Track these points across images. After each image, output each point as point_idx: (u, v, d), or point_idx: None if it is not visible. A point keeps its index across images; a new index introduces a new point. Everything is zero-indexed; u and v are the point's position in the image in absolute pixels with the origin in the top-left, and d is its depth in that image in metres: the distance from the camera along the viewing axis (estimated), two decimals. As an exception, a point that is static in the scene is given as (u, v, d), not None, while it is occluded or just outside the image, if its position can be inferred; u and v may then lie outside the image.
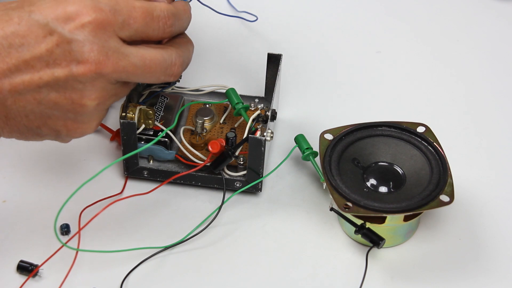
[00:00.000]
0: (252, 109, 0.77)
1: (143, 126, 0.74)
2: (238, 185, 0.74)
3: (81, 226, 0.70)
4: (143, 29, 0.64)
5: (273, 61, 0.78)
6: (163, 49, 0.66)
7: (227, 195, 0.73)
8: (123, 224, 0.73)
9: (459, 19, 0.95)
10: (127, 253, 0.70)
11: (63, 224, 0.71)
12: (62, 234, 0.71)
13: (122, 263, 0.69)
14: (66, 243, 0.68)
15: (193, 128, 0.76)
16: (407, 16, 0.95)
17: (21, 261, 0.69)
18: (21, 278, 0.68)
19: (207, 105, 0.78)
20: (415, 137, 0.73)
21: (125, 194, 0.75)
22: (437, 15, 0.95)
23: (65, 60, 0.61)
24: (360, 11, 0.96)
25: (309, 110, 0.84)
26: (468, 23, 0.94)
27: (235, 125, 0.77)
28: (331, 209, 0.71)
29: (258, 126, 0.73)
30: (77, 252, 0.68)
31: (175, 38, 0.68)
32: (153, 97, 0.77)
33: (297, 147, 0.76)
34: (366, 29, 0.93)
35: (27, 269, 0.68)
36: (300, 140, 0.76)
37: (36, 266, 0.68)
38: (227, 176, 0.74)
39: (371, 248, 0.69)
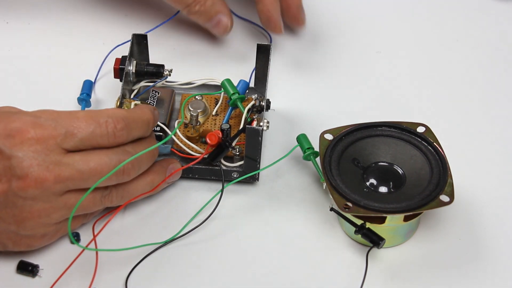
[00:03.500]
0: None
1: None
2: (235, 175, 0.74)
3: (95, 232, 0.70)
4: (89, 137, 0.65)
5: (263, 51, 0.78)
6: (111, 149, 0.66)
7: (227, 186, 0.73)
8: (122, 221, 0.73)
9: (459, 19, 0.95)
10: (129, 251, 0.69)
11: (73, 232, 0.71)
12: (72, 242, 0.71)
13: (124, 261, 0.69)
14: (86, 246, 0.68)
15: (187, 121, 0.76)
16: (407, 16, 0.95)
17: (21, 261, 0.69)
18: (21, 278, 0.68)
19: (198, 98, 0.78)
20: (415, 137, 0.73)
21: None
22: (437, 15, 0.95)
23: (5, 176, 0.63)
24: (360, 11, 0.96)
25: (309, 109, 0.84)
26: (468, 23, 0.94)
27: (226, 116, 0.77)
28: (331, 209, 0.71)
29: (253, 117, 0.74)
30: (97, 253, 0.68)
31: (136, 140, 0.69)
32: (144, 92, 0.77)
33: (298, 147, 0.76)
34: (366, 29, 0.93)
35: (27, 269, 0.68)
36: (302, 139, 0.76)
37: (36, 266, 0.68)
38: (224, 167, 0.74)
39: (371, 248, 0.69)
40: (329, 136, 0.73)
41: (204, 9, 0.84)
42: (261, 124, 0.72)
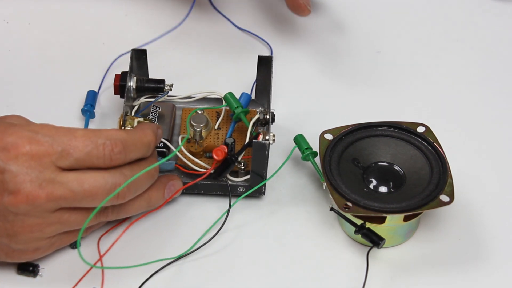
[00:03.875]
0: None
1: None
2: (241, 190, 0.74)
3: (100, 249, 0.70)
4: (84, 158, 0.64)
5: (264, 63, 0.77)
6: (108, 171, 0.65)
7: (231, 201, 0.73)
8: (125, 236, 0.72)
9: (459, 19, 0.95)
10: (134, 268, 0.69)
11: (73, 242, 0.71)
12: (72, 247, 0.70)
13: (131, 278, 0.69)
14: (95, 264, 0.68)
15: (189, 136, 0.76)
16: (407, 16, 0.95)
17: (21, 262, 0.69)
18: (22, 279, 0.68)
19: (200, 112, 0.77)
20: (415, 137, 0.73)
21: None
22: (437, 15, 0.95)
23: None
24: (360, 11, 0.96)
25: (308, 110, 0.84)
26: (468, 23, 0.94)
27: (229, 130, 0.77)
28: (331, 209, 0.71)
29: (259, 130, 0.73)
30: (103, 271, 0.68)
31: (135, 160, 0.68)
32: (145, 108, 0.77)
33: (296, 148, 0.76)
34: (366, 29, 0.93)
35: (28, 269, 0.68)
36: (299, 140, 0.76)
37: (37, 266, 0.68)
38: (230, 182, 0.74)
39: (371, 248, 0.69)
40: (329, 136, 0.73)
41: None
42: (267, 138, 0.71)
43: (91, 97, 0.81)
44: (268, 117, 0.74)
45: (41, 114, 0.72)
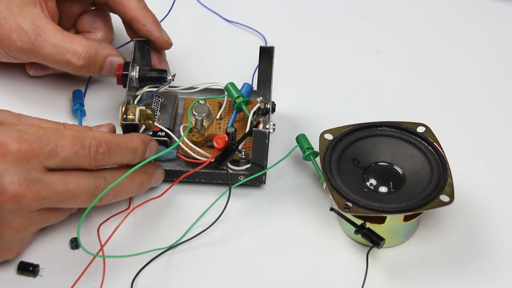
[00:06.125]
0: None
1: (144, 127, 0.74)
2: (242, 179, 0.74)
3: (100, 237, 0.71)
4: (71, 157, 0.65)
5: (266, 53, 0.78)
6: (90, 173, 0.66)
7: (231, 190, 0.73)
8: (127, 225, 0.72)
9: (459, 19, 0.95)
10: (133, 257, 0.70)
11: (72, 238, 0.71)
12: (73, 248, 0.71)
13: (129, 266, 0.69)
14: (97, 253, 0.69)
15: (191, 126, 0.76)
16: (407, 16, 0.95)
17: (21, 262, 0.69)
18: (23, 279, 0.68)
19: (202, 102, 0.78)
20: (415, 137, 0.73)
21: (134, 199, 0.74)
22: (437, 15, 0.95)
23: None
24: (360, 11, 0.96)
25: (309, 110, 0.84)
26: (468, 23, 0.94)
27: (230, 120, 0.77)
28: (331, 209, 0.71)
29: (260, 119, 0.74)
30: (104, 259, 0.69)
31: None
32: (147, 98, 0.77)
33: (298, 147, 0.76)
34: (366, 29, 0.93)
35: (28, 269, 0.68)
36: (301, 140, 0.76)
37: (37, 266, 0.68)
38: (231, 171, 0.74)
39: (371, 248, 0.69)
40: (329, 136, 0.74)
41: (89, 60, 0.77)
42: (268, 126, 0.71)
43: (78, 96, 0.81)
44: (268, 106, 0.75)
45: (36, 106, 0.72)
